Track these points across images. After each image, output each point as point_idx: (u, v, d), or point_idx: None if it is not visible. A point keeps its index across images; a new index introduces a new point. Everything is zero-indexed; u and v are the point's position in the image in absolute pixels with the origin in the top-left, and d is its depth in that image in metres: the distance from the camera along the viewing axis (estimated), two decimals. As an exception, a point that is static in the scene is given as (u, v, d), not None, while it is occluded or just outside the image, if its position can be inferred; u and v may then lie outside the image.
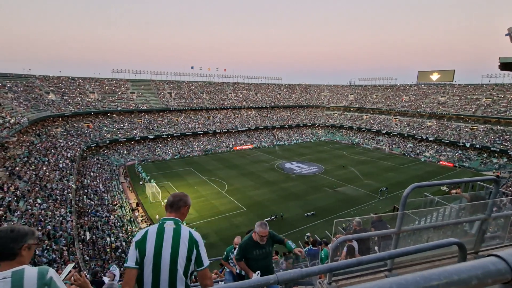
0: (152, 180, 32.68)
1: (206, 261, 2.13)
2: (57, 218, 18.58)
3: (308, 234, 18.05)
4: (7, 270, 1.59)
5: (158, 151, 49.66)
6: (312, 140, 66.35)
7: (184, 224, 2.23)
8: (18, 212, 16.79)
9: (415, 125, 57.06)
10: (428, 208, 4.62)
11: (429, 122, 55.88)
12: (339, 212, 26.10)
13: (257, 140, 61.04)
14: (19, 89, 42.65)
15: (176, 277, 2.02)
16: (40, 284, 1.60)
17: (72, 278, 2.20)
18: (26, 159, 25.66)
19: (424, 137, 52.53)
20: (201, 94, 65.71)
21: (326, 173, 39.07)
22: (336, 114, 74.44)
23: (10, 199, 17.64)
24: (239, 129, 61.90)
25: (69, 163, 30.13)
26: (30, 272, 1.61)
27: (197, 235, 2.15)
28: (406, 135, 55.91)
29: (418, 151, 50.94)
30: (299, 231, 22.05)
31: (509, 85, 52.15)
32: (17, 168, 22.76)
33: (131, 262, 2.01)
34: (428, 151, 50.02)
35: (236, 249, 3.93)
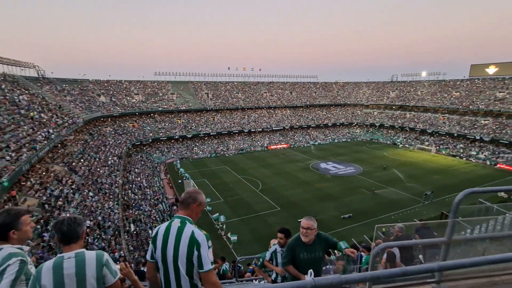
0: (189, 177, 34.08)
1: (207, 264, 1.95)
2: (106, 210, 20.27)
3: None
4: (71, 252, 1.86)
5: (195, 149, 51.67)
6: (349, 140, 63.84)
7: (192, 222, 2.13)
8: (74, 203, 18.66)
9: (466, 124, 51.86)
10: (484, 216, 4.14)
11: (484, 120, 50.36)
12: (378, 216, 24.74)
13: (291, 140, 60.46)
14: (75, 92, 47.38)
15: (179, 276, 2.01)
16: (99, 264, 1.84)
17: (119, 267, 2.36)
18: (80, 155, 28.41)
19: (478, 137, 47.45)
20: (236, 94, 66.90)
21: (364, 174, 37.30)
22: (375, 113, 70.68)
23: (67, 191, 19.66)
24: (273, 128, 61.86)
25: (117, 160, 32.68)
26: (90, 254, 1.87)
27: (199, 236, 2.01)
28: (456, 135, 51.03)
29: (470, 153, 46.22)
30: (334, 234, 21.35)
31: None
32: (73, 163, 25.29)
33: (148, 256, 2.17)
34: (482, 153, 45.12)
35: (284, 252, 3.49)
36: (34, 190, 17.51)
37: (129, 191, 28.30)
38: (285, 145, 57.41)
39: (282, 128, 62.84)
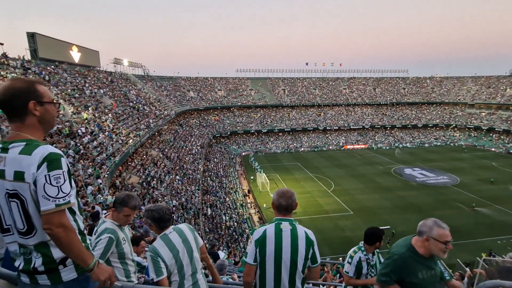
0: (262, 171, 35.18)
1: (319, 259, 2.22)
2: (189, 193, 22.77)
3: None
4: (181, 228, 2.28)
5: (269, 144, 52.90)
6: (443, 144, 54.75)
7: (297, 222, 2.23)
8: (165, 184, 21.58)
9: None
10: None
11: None
12: (478, 238, 20.63)
13: (371, 140, 55.60)
14: (170, 88, 54.41)
15: (295, 275, 2.11)
16: (195, 236, 2.31)
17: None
18: (171, 143, 32.58)
19: None
20: (313, 90, 65.22)
21: (463, 186, 31.47)
22: (484, 113, 58.39)
23: (160, 173, 22.88)
24: (351, 127, 58.02)
25: (200, 149, 36.23)
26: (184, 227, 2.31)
27: (311, 235, 2.20)
28: None
29: None
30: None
31: None
32: (166, 150, 29.22)
33: (250, 259, 2.14)
34: None
35: (384, 264, 2.26)
36: (137, 170, 20.99)
37: (208, 178, 31.05)
38: (363, 146, 53.26)
39: (361, 127, 58.37)
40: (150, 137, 28.07)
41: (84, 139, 16.19)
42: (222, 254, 10.42)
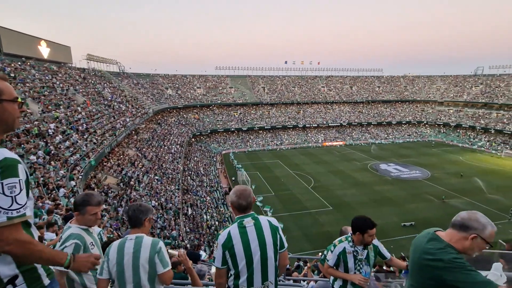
0: (243, 169, 35.16)
1: (285, 243, 2.25)
2: (168, 193, 22.30)
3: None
4: (133, 234, 2.12)
5: (250, 142, 52.97)
6: (415, 140, 57.55)
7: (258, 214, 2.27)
8: (143, 184, 20.98)
9: None
10: None
11: None
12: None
13: (349, 137, 57.31)
14: (147, 85, 52.85)
15: (267, 267, 2.15)
16: (152, 249, 2.04)
17: (177, 253, 2.56)
18: (149, 142, 31.71)
19: None
20: (293, 88, 66.04)
21: (433, 180, 33.29)
22: (452, 111, 62.03)
23: (138, 173, 22.20)
24: (329, 124, 59.44)
25: (179, 148, 35.55)
26: (147, 239, 2.09)
27: (275, 221, 2.25)
28: (561, 140, 41.67)
29: None
30: (392, 242, 19.70)
31: None
32: (143, 149, 28.40)
33: (218, 263, 2.14)
34: None
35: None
36: (113, 170, 20.23)
37: (188, 177, 30.58)
38: (341, 142, 54.77)
39: (339, 124, 59.97)
40: (127, 136, 27.14)
41: (55, 139, 15.36)
42: (204, 254, 10.33)
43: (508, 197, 27.49)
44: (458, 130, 57.57)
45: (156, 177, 23.90)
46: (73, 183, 12.81)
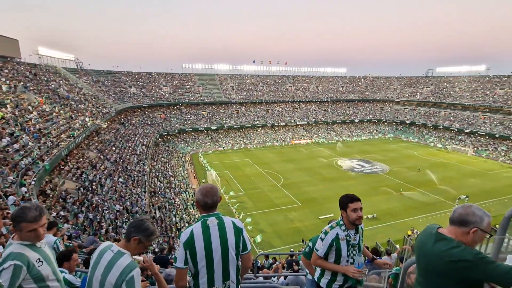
0: (212, 169, 34.78)
1: (249, 246, 2.24)
2: (134, 196, 21.32)
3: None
4: (118, 247, 1.97)
5: (219, 141, 52.50)
6: (376, 138, 61.39)
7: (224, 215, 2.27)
8: (106, 188, 19.81)
9: (511, 125, 47.70)
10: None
11: (531, 121, 45.97)
12: (405, 218, 23.75)
13: (315, 135, 59.36)
14: (109, 83, 49.87)
15: (229, 268, 2.14)
16: (123, 273, 1.86)
17: (141, 258, 2.44)
18: (112, 143, 30.00)
19: (523, 139, 43.50)
20: (261, 88, 66.66)
21: (392, 173, 35.80)
22: (407, 109, 67.14)
23: (100, 176, 20.91)
24: (297, 123, 61.05)
25: (145, 149, 34.11)
26: (124, 260, 1.92)
27: (239, 223, 2.24)
28: (497, 135, 47.17)
29: (512, 156, 42.54)
30: (357, 233, 20.85)
31: None
32: (106, 151, 26.79)
33: (180, 263, 2.09)
34: (527, 156, 41.37)
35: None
36: (72, 174, 18.81)
37: (156, 179, 29.49)
38: (308, 140, 56.54)
39: (306, 123, 61.84)
40: (86, 137, 25.41)
41: (1, 141, 13.91)
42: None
43: (455, 187, 30.51)
44: (413, 128, 62.48)
45: (121, 180, 22.71)
46: (24, 189, 11.72)
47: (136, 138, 36.57)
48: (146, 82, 56.84)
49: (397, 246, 14.82)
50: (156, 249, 14.79)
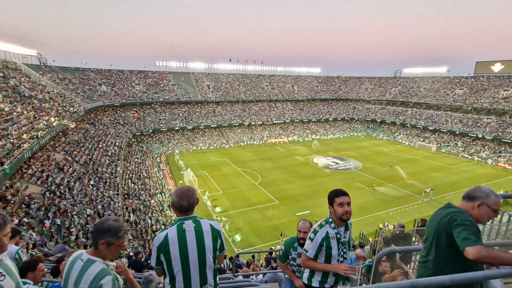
0: (188, 169, 34.17)
1: (225, 247, 2.25)
2: (106, 199, 20.39)
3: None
4: (88, 255, 1.84)
5: (196, 141, 51.67)
6: (349, 135, 63.69)
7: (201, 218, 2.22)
8: (75, 191, 18.75)
9: (469, 122, 51.63)
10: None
11: (487, 118, 50.10)
12: (377, 212, 24.89)
13: (292, 134, 60.34)
14: (76, 81, 47.15)
15: (206, 271, 2.10)
16: (92, 283, 1.75)
17: (115, 264, 2.32)
18: (81, 144, 28.44)
19: (480, 136, 47.32)
20: (238, 87, 66.50)
21: (364, 170, 37.34)
22: (377, 108, 70.30)
23: (68, 179, 19.75)
24: (274, 121, 61.67)
25: (117, 150, 32.72)
26: (95, 267, 1.79)
27: (217, 225, 2.20)
28: (457, 132, 50.87)
29: (471, 151, 46.14)
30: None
31: None
32: (74, 152, 25.34)
33: (153, 262, 2.09)
34: (484, 151, 45.07)
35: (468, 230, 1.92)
36: (36, 178, 17.59)
37: (129, 181, 28.42)
38: (285, 139, 57.35)
39: (282, 121, 62.66)
40: (52, 139, 23.86)
41: (-47, 144, 12.69)
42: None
43: (422, 181, 32.51)
44: (383, 126, 65.59)
45: (91, 183, 21.61)
46: (-18, 195, 10.77)
47: (107, 139, 34.96)
48: (117, 80, 54.46)
49: (370, 239, 15.53)
50: (131, 253, 14.27)
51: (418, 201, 27.34)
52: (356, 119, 69.92)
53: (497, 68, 55.70)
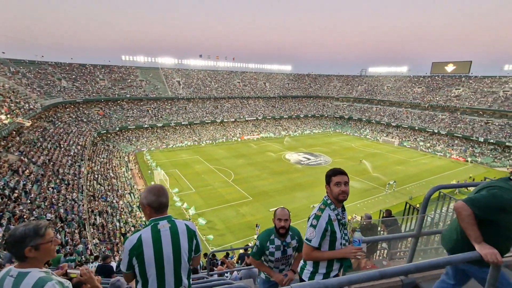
0: (159, 168, 33.13)
1: (201, 247, 2.19)
2: (69, 202, 19.12)
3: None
4: (17, 269, 1.65)
5: (166, 139, 50.14)
6: (319, 131, 65.76)
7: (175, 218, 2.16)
8: (32, 195, 17.33)
9: (426, 118, 55.78)
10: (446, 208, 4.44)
11: (442, 115, 54.50)
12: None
13: (264, 130, 60.87)
14: (31, 75, 43.31)
15: (181, 272, 2.05)
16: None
17: (79, 271, 2.19)
18: (39, 144, 26.29)
19: (436, 131, 51.39)
20: (209, 83, 65.47)
21: (334, 165, 38.83)
22: (345, 105, 73.26)
23: (25, 182, 18.19)
24: (246, 118, 61.73)
25: (81, 149, 30.74)
26: (30, 279, 1.61)
27: (192, 225, 2.15)
28: (417, 128, 54.76)
29: (428, 145, 49.96)
30: (304, 222, 22.18)
31: (528, 78, 50.16)
32: (31, 153, 23.36)
33: (123, 267, 1.99)
34: (439, 145, 49.03)
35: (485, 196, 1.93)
36: (-15, 182, 15.97)
37: (95, 181, 26.89)
38: (257, 136, 57.72)
39: (255, 118, 62.94)
40: (4, 138, 21.78)
41: None
42: (114, 265, 9.35)
43: (386, 174, 34.57)
44: (350, 122, 68.57)
45: (52, 185, 20.10)
46: None
47: (69, 138, 32.67)
48: (79, 75, 50.91)
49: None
50: (99, 258, 13.57)
51: (382, 192, 29.08)
52: (326, 115, 72.30)
53: (450, 68, 60.64)
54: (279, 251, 2.94)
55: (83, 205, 19.62)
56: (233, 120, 60.07)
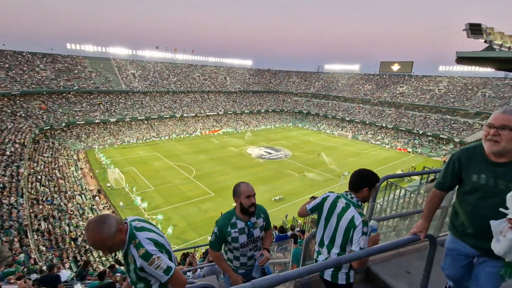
0: (113, 166, 31.07)
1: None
2: (6, 207, 17.02)
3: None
4: None
5: (121, 135, 47.04)
6: (280, 126, 67.39)
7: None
8: (-42, 202, 15.07)
9: (376, 113, 60.45)
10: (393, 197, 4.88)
11: (389, 110, 59.54)
12: (305, 196, 27.21)
13: (225, 125, 60.45)
14: (-49, 62, 37.16)
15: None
16: None
17: (17, 286, 2.01)
18: (-36, 143, 22.83)
19: (384, 125, 56.05)
20: (167, 76, 62.72)
21: (294, 158, 40.21)
22: (303, 101, 75.94)
23: None
24: (207, 113, 60.62)
25: (19, 148, 27.41)
26: None
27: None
28: (367, 122, 59.11)
29: (378, 138, 54.33)
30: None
31: (459, 78, 57.14)
32: (-47, 153, 20.19)
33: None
34: (386, 138, 53.61)
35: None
36: None
37: (37, 183, 24.25)
38: (219, 131, 57.15)
39: (216, 113, 62.12)
40: None
41: None
42: (66, 274, 8.69)
43: (340, 166, 36.83)
44: (309, 117, 71.42)
45: (-18, 189, 17.66)
46: None
47: (3, 135, 28.87)
48: (14, 64, 44.91)
49: (299, 221, 16.94)
50: (44, 267, 12.35)
51: (338, 183, 30.98)
52: (286, 110, 74.22)
53: (395, 67, 66.33)
54: (244, 235, 2.54)
55: (23, 210, 17.64)
56: (194, 115, 58.52)
